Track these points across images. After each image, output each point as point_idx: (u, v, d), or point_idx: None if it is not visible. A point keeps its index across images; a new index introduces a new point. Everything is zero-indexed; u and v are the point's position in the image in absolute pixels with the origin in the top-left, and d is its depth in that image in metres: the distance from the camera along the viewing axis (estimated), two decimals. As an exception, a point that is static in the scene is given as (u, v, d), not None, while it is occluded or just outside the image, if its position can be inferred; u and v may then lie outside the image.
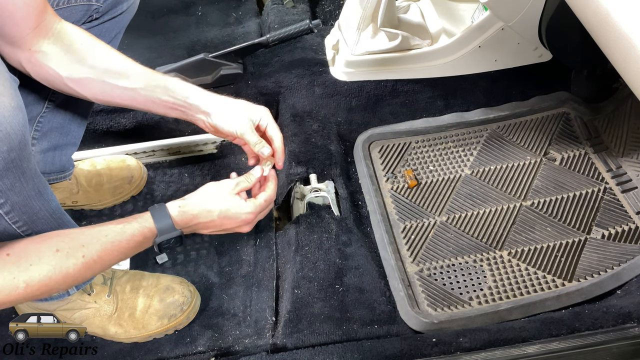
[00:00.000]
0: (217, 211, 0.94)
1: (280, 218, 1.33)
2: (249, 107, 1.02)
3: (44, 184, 0.84)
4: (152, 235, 0.89)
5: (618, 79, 1.45)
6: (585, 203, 1.27)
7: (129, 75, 0.97)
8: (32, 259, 0.77)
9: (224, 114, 1.00)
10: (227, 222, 0.96)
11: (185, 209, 0.92)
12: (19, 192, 0.78)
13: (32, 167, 0.79)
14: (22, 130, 0.73)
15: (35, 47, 0.90)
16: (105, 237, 0.84)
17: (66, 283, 0.81)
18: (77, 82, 0.95)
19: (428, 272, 1.17)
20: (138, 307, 1.08)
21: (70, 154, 1.24)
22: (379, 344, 1.00)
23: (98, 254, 0.82)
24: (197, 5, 1.92)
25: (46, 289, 0.78)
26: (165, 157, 1.48)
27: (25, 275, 0.75)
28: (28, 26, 0.87)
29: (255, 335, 1.09)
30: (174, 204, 0.92)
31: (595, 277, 1.12)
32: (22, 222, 0.81)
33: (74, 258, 0.80)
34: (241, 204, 0.96)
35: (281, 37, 1.59)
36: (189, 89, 0.99)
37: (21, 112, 0.73)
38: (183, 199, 0.94)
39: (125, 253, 0.86)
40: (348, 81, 1.48)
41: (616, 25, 0.85)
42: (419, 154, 1.42)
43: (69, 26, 0.94)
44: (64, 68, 0.93)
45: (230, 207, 0.95)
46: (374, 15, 1.42)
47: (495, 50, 1.42)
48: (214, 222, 0.95)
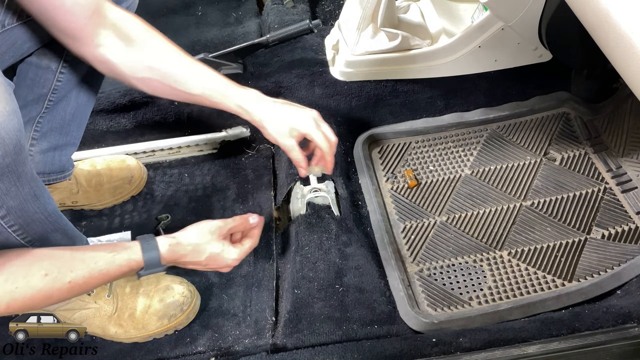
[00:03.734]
0: (207, 254, 0.95)
1: (280, 218, 1.33)
2: (295, 116, 1.03)
3: (40, 187, 0.84)
4: (138, 267, 0.90)
5: (618, 79, 1.45)
6: (585, 203, 1.27)
7: (186, 80, 0.98)
8: (19, 281, 0.77)
9: (272, 126, 1.01)
10: (213, 264, 0.97)
11: (175, 248, 0.93)
12: (14, 196, 0.78)
13: (28, 171, 0.79)
14: (17, 135, 0.73)
15: (97, 39, 0.92)
16: (95, 264, 0.84)
17: (47, 304, 0.82)
18: (141, 81, 0.98)
19: (428, 272, 1.17)
20: (138, 307, 1.08)
21: (70, 154, 1.24)
22: (379, 344, 1.00)
23: (84, 279, 0.83)
24: (197, 5, 1.92)
25: (26, 308, 0.80)
26: (165, 157, 1.47)
27: (9, 296, 0.76)
28: (83, 14, 0.89)
29: (255, 335, 1.09)
30: (165, 240, 0.93)
31: (595, 277, 1.12)
32: (18, 225, 0.81)
33: (60, 283, 0.81)
34: (230, 250, 0.98)
35: (281, 37, 1.59)
36: (242, 95, 1.01)
37: (16, 116, 0.73)
38: (173, 237, 0.94)
39: (108, 280, 0.88)
40: (348, 81, 1.48)
41: (616, 25, 0.85)
42: (419, 154, 1.42)
43: (121, 13, 0.95)
44: (128, 66, 0.96)
45: (220, 251, 0.96)
46: (374, 15, 1.42)
47: (495, 50, 1.42)
48: (200, 262, 0.96)
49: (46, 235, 0.89)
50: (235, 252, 0.98)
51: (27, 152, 0.78)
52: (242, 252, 0.99)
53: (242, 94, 1.01)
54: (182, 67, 0.99)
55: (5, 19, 0.94)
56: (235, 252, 0.98)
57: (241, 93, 1.01)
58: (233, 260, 0.98)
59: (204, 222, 0.97)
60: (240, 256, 0.99)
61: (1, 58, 0.98)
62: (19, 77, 1.11)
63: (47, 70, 1.10)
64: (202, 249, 0.95)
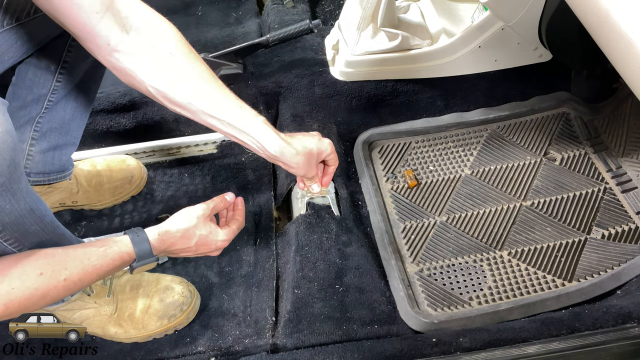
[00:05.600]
0: (196, 238, 0.96)
1: (280, 218, 1.33)
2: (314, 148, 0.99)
3: (36, 200, 0.84)
4: (130, 259, 0.91)
5: (618, 79, 1.45)
6: (585, 203, 1.27)
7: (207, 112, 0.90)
8: (14, 282, 0.78)
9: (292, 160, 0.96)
10: (203, 247, 0.98)
11: (164, 237, 0.93)
12: (9, 213, 0.78)
13: (23, 188, 0.79)
14: (11, 154, 0.73)
15: (113, 42, 0.83)
16: (88, 260, 0.85)
17: (44, 303, 0.82)
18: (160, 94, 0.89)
19: (428, 272, 1.17)
20: (138, 307, 1.08)
21: (69, 154, 1.24)
22: (379, 344, 1.00)
23: (79, 276, 0.84)
24: (197, 5, 1.92)
25: (23, 309, 0.80)
26: (165, 157, 1.47)
27: (6, 297, 0.77)
28: (93, 9, 0.80)
29: (255, 335, 1.09)
30: (153, 230, 0.94)
31: (595, 277, 1.12)
32: (14, 239, 0.82)
33: (55, 281, 0.81)
34: (217, 231, 0.99)
35: (281, 37, 1.59)
36: (260, 131, 0.92)
37: (10, 136, 0.73)
38: (162, 225, 0.95)
39: (103, 275, 0.88)
40: (348, 81, 1.48)
41: (616, 25, 0.85)
42: (419, 154, 1.42)
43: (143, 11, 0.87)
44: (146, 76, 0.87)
45: (208, 233, 0.97)
46: (374, 15, 1.42)
47: (495, 50, 1.42)
48: (190, 248, 0.97)
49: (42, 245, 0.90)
50: (224, 233, 0.99)
51: (22, 169, 0.78)
52: (230, 233, 1.01)
53: (259, 130, 0.92)
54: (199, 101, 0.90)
55: (5, 20, 0.94)
56: (223, 233, 0.99)
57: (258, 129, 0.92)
58: (222, 241, 0.99)
59: (187, 208, 0.98)
60: (228, 237, 1.00)
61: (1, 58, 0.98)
62: (18, 77, 1.11)
63: (46, 70, 1.10)
64: (191, 233, 0.95)
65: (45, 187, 1.25)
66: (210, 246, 0.98)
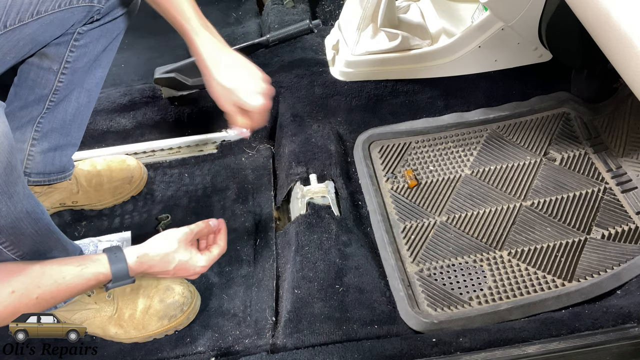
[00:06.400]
0: (175, 263, 0.96)
1: (280, 218, 1.33)
2: (234, 89, 1.01)
3: (33, 203, 0.84)
4: (105, 280, 0.91)
5: (618, 79, 1.45)
6: (585, 203, 1.27)
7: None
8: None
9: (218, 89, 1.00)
10: (181, 272, 0.98)
11: (143, 259, 0.94)
12: (5, 215, 0.78)
13: (20, 190, 0.79)
14: (8, 157, 0.73)
15: None
16: (63, 279, 0.86)
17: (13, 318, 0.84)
18: None
19: (428, 272, 1.17)
20: (138, 308, 1.08)
21: (70, 155, 1.25)
22: (379, 344, 1.00)
23: (52, 294, 0.85)
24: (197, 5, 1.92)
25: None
26: (165, 157, 1.47)
27: None
28: None
29: (255, 335, 1.09)
30: (133, 251, 0.94)
31: (595, 277, 1.12)
32: (9, 242, 0.82)
33: (27, 299, 0.82)
34: (197, 257, 0.99)
35: (281, 37, 1.59)
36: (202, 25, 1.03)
37: (6, 138, 0.73)
38: (142, 247, 0.95)
39: (76, 294, 0.89)
40: (348, 81, 1.48)
41: (616, 25, 0.85)
42: (419, 154, 1.42)
43: None
44: None
45: (188, 259, 0.97)
46: (374, 15, 1.42)
47: (495, 50, 1.42)
48: (168, 272, 0.97)
49: (38, 248, 0.90)
50: (203, 259, 0.99)
51: (20, 172, 0.79)
52: (210, 259, 1.01)
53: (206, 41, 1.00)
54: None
55: (7, 20, 0.94)
56: (203, 259, 0.99)
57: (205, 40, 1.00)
58: (201, 267, 0.99)
59: (170, 231, 0.98)
60: (208, 263, 1.00)
61: (3, 59, 0.98)
62: (20, 77, 1.11)
63: (48, 71, 1.10)
64: (171, 258, 0.95)
65: (45, 187, 1.25)
66: (189, 271, 0.99)
